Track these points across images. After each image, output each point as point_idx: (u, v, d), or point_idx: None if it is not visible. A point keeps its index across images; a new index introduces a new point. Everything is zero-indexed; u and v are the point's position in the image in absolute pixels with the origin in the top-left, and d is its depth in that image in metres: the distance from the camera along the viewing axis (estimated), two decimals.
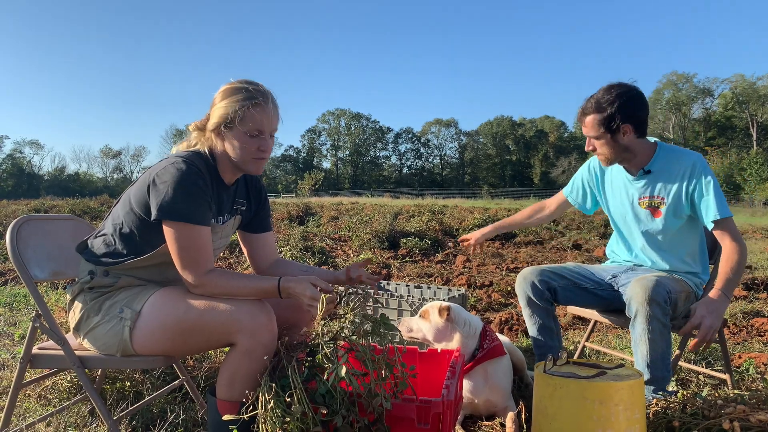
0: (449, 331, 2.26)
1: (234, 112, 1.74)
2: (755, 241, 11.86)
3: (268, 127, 1.79)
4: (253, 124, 1.76)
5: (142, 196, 1.74)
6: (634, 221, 2.49)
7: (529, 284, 2.50)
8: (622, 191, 2.51)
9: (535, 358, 2.59)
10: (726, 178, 43.32)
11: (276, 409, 1.52)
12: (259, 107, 1.76)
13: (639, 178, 2.42)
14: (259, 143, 1.79)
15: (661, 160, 2.37)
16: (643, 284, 2.18)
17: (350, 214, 15.52)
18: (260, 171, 1.87)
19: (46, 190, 58.69)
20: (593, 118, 2.32)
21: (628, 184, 2.47)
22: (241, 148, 1.78)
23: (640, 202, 2.44)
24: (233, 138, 1.78)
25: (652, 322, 2.14)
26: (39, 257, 1.95)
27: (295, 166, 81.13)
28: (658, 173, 2.37)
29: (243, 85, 1.79)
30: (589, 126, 2.34)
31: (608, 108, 2.27)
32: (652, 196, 2.40)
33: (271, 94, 1.82)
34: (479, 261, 7.51)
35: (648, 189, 2.41)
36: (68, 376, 2.50)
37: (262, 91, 1.80)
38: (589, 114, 2.33)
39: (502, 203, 30.33)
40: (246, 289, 1.74)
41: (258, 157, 1.81)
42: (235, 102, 1.75)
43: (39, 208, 16.13)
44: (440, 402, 1.59)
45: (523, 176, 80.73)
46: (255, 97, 1.76)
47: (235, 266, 6.57)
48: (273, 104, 1.81)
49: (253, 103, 1.75)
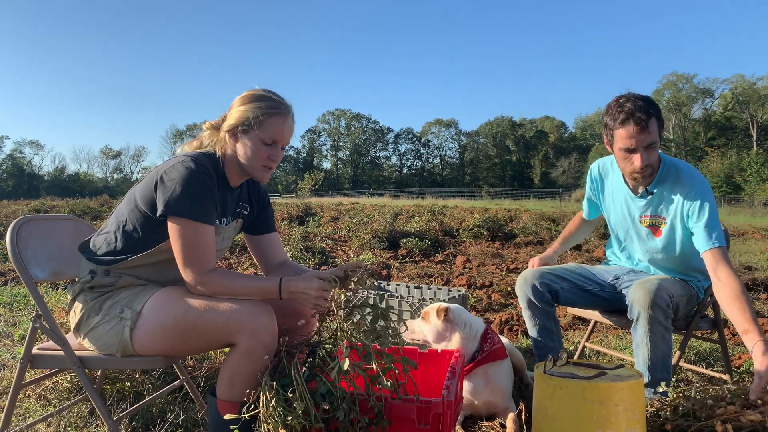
0: (448, 333, 2.26)
1: (255, 116, 1.77)
2: (755, 241, 11.85)
3: (282, 138, 1.83)
4: (270, 132, 1.79)
5: (148, 192, 1.75)
6: (635, 235, 2.47)
7: (530, 286, 2.49)
8: (623, 206, 2.46)
9: (535, 359, 2.59)
10: (726, 178, 43.27)
11: (277, 407, 1.52)
12: (281, 117, 1.81)
13: (641, 197, 2.36)
14: (271, 152, 1.82)
15: (664, 182, 2.30)
16: (645, 287, 2.17)
17: (350, 214, 15.52)
18: (266, 179, 1.90)
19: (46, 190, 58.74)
20: (656, 121, 2.12)
21: (630, 201, 2.41)
22: (253, 153, 1.80)
23: (641, 220, 2.40)
24: (248, 141, 1.80)
25: (653, 325, 2.13)
26: (39, 257, 1.95)
27: (295, 167, 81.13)
28: (660, 194, 2.32)
29: (268, 94, 1.84)
30: (654, 130, 2.12)
31: (659, 109, 2.15)
32: (653, 216, 2.36)
33: (292, 109, 1.87)
34: (479, 261, 7.51)
35: (649, 209, 2.36)
36: (68, 377, 2.50)
37: (286, 104, 1.85)
38: (653, 116, 2.11)
39: (502, 203, 30.33)
40: (247, 289, 1.74)
41: (267, 165, 1.84)
42: (258, 108, 1.78)
43: (39, 208, 16.15)
44: (440, 402, 1.59)
45: (524, 176, 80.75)
46: (278, 107, 1.81)
47: (235, 266, 6.57)
48: (292, 119, 1.86)
49: (276, 112, 1.80)
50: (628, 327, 2.37)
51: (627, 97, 2.17)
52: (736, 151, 50.66)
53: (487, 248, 8.88)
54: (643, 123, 2.10)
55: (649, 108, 2.12)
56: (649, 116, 2.11)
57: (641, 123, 2.10)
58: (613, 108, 2.19)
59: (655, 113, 2.14)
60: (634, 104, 2.13)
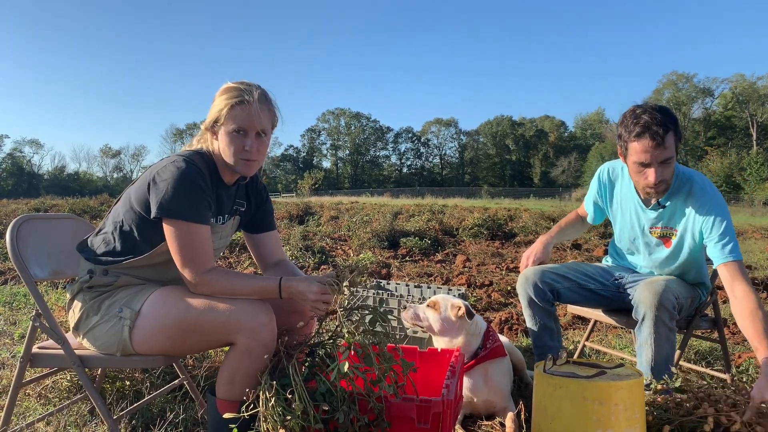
0: (457, 328, 2.25)
1: (221, 109, 1.75)
2: (755, 240, 11.86)
3: (251, 125, 1.75)
4: (234, 123, 1.75)
5: (142, 194, 1.74)
6: (642, 245, 2.44)
7: (531, 285, 2.47)
8: (633, 216, 2.41)
9: (535, 358, 2.59)
10: (726, 178, 43.32)
11: (277, 407, 1.52)
12: (242, 105, 1.74)
13: (653, 209, 2.32)
14: (244, 141, 1.76)
15: (677, 195, 2.25)
16: (652, 288, 2.16)
17: (350, 213, 15.51)
18: (250, 172, 1.83)
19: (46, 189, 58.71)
20: (673, 135, 2.06)
21: (640, 211, 2.37)
22: (228, 146, 1.77)
23: (651, 231, 2.37)
24: (221, 137, 1.79)
25: (659, 326, 2.12)
26: (39, 256, 1.95)
27: (294, 166, 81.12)
28: (672, 206, 2.28)
29: (235, 84, 1.80)
30: (671, 145, 2.06)
31: (677, 122, 2.09)
32: (664, 227, 2.33)
33: (261, 93, 1.78)
34: (479, 261, 7.51)
35: (661, 221, 2.32)
36: (68, 376, 2.49)
37: (250, 89, 1.77)
38: (671, 131, 2.04)
39: (502, 203, 30.32)
40: (247, 289, 1.73)
41: (245, 157, 1.78)
42: (223, 100, 1.76)
43: (39, 207, 16.14)
44: (440, 401, 1.59)
45: (523, 176, 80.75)
46: (240, 95, 1.75)
47: (235, 266, 6.57)
48: (261, 102, 1.77)
49: (237, 101, 1.74)
50: (630, 326, 2.36)
51: (644, 108, 2.09)
52: (735, 150, 50.66)
53: (486, 247, 8.88)
54: (659, 138, 2.03)
55: (666, 122, 2.04)
56: (666, 131, 2.03)
57: (657, 138, 2.03)
58: (629, 119, 2.11)
59: (673, 127, 2.06)
60: (652, 117, 2.04)
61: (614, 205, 2.50)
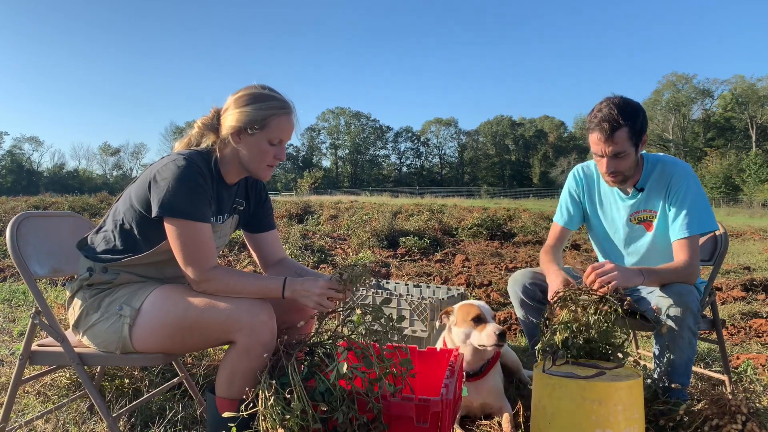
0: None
1: (262, 117, 1.77)
2: (753, 242, 11.87)
3: (289, 137, 1.84)
4: (278, 132, 1.80)
5: (143, 192, 1.74)
6: (626, 239, 2.43)
7: (520, 286, 2.46)
8: (614, 209, 2.44)
9: (531, 358, 2.58)
10: (725, 179, 43.33)
11: (276, 406, 1.52)
12: (287, 116, 1.82)
13: (632, 197, 2.35)
14: (276, 151, 1.83)
15: (651, 175, 2.31)
16: (678, 291, 2.11)
17: (349, 212, 15.52)
18: (269, 177, 1.91)
19: (46, 186, 58.59)
20: (626, 131, 2.13)
21: (620, 202, 2.40)
22: (260, 154, 1.80)
23: (631, 218, 2.39)
24: (253, 143, 1.79)
25: (684, 330, 2.08)
26: (39, 254, 1.95)
27: (294, 165, 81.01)
28: (649, 188, 2.32)
29: (271, 93, 1.82)
30: (621, 141, 2.13)
31: (636, 119, 2.14)
32: (644, 210, 2.36)
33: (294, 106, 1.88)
34: (478, 260, 7.51)
35: (640, 204, 2.36)
36: (67, 373, 2.49)
37: (289, 101, 1.85)
38: (623, 127, 2.11)
39: (501, 203, 30.34)
40: (249, 288, 1.73)
41: (271, 164, 1.85)
42: (264, 109, 1.77)
43: (38, 204, 16.14)
44: (439, 401, 1.59)
45: (523, 176, 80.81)
46: (284, 106, 1.82)
47: (234, 264, 6.57)
48: (296, 115, 1.87)
49: (283, 111, 1.80)
50: (634, 328, 2.34)
51: (609, 101, 2.16)
52: (735, 151, 50.76)
53: (486, 247, 8.89)
54: (606, 133, 2.12)
55: (621, 118, 2.10)
56: (617, 127, 2.10)
57: (605, 133, 2.13)
58: (593, 111, 2.20)
59: (628, 123, 2.11)
60: (608, 111, 2.12)
61: (595, 199, 2.51)
